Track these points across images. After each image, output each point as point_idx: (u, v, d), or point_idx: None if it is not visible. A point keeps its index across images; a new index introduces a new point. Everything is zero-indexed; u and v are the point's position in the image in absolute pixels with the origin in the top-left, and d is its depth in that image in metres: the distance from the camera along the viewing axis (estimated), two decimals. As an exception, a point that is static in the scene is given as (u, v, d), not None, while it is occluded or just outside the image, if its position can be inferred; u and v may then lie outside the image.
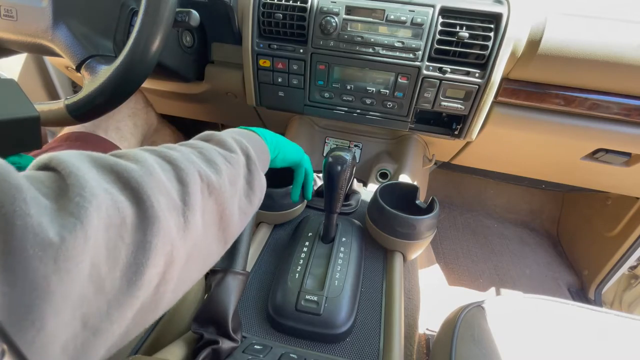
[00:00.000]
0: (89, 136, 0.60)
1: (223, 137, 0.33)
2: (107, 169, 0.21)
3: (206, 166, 0.28)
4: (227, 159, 0.31)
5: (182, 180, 0.25)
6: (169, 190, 0.23)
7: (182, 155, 0.27)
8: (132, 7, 0.58)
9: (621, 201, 1.08)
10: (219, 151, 0.31)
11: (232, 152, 0.32)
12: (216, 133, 0.34)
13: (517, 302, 0.53)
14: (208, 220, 0.27)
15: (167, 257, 0.22)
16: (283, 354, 0.38)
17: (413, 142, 0.80)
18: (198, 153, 0.29)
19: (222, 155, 0.30)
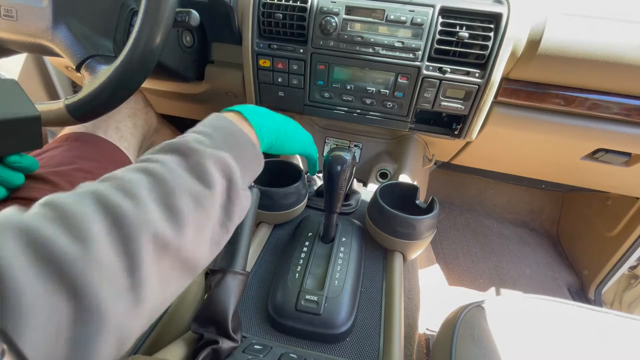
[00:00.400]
0: (89, 136, 0.60)
1: (202, 161, 0.28)
2: (45, 261, 0.19)
3: (166, 220, 0.25)
4: (199, 199, 0.27)
5: (132, 254, 0.22)
6: (115, 273, 0.21)
7: (138, 210, 0.23)
8: (132, 7, 0.58)
9: (621, 201, 1.08)
10: (191, 188, 0.27)
11: (208, 188, 0.28)
12: (196, 149, 0.29)
13: (517, 302, 0.53)
14: (164, 277, 0.25)
15: (118, 340, 0.21)
16: (283, 354, 0.38)
17: (413, 142, 0.80)
18: (161, 198, 0.25)
19: (192, 195, 0.27)
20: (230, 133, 0.34)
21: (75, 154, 0.56)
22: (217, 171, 0.29)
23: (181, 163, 0.28)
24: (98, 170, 0.56)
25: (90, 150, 0.58)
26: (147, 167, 0.27)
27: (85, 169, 0.55)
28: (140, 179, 0.26)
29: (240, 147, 0.33)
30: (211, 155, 0.29)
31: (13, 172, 0.45)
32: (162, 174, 0.26)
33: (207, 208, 0.28)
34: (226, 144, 0.32)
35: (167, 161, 0.28)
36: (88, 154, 0.57)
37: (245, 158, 0.33)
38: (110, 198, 0.23)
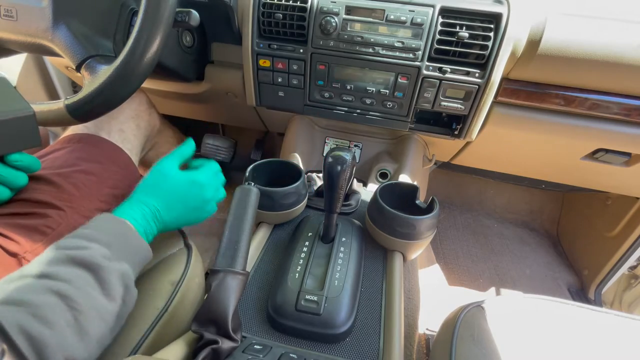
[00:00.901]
0: (92, 138, 0.60)
1: (108, 277, 0.33)
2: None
3: (78, 342, 0.29)
4: (104, 316, 0.32)
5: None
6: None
7: (55, 338, 0.27)
8: (132, 7, 0.58)
9: (621, 201, 1.08)
10: (98, 307, 0.32)
11: (111, 301, 0.33)
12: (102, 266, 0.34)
13: (517, 302, 0.53)
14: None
15: None
16: (283, 354, 0.38)
17: (413, 142, 0.80)
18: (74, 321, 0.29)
19: (99, 314, 0.32)
20: (125, 238, 0.38)
21: (78, 156, 0.56)
22: (119, 284, 0.35)
23: (89, 280, 0.32)
24: (101, 172, 0.56)
25: (94, 152, 0.58)
26: (60, 289, 0.30)
27: (88, 170, 0.55)
28: (55, 304, 0.29)
29: (134, 250, 0.39)
30: (115, 270, 0.34)
31: (15, 172, 0.45)
32: (73, 298, 0.30)
33: (108, 320, 0.33)
34: (124, 253, 0.37)
35: (77, 280, 0.31)
36: (91, 155, 0.57)
37: (138, 259, 0.39)
38: (30, 325, 0.26)
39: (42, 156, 0.56)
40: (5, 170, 0.44)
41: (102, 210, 0.53)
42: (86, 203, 0.52)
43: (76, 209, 0.50)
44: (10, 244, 0.43)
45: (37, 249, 0.44)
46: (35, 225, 0.46)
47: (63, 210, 0.49)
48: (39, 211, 0.47)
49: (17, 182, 0.46)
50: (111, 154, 0.60)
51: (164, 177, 0.47)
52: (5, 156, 0.44)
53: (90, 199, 0.52)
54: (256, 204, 0.43)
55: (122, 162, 0.62)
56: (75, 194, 0.51)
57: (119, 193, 0.57)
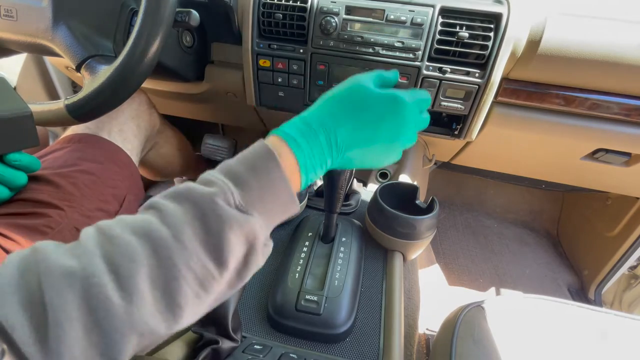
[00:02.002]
0: (92, 138, 0.60)
1: (223, 231, 0.24)
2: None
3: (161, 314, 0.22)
4: (204, 284, 0.24)
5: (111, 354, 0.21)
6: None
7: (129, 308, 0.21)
8: (132, 7, 0.58)
9: (621, 201, 1.08)
10: (199, 271, 0.24)
11: (220, 267, 0.25)
12: (222, 215, 0.25)
13: (517, 302, 0.53)
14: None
15: None
16: (283, 354, 0.38)
17: (413, 142, 0.80)
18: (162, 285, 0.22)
19: (198, 280, 0.24)
20: (268, 181, 0.28)
21: (79, 156, 0.56)
22: (239, 242, 0.26)
23: (199, 231, 0.24)
24: (101, 172, 0.56)
25: (94, 152, 0.58)
26: (157, 235, 0.23)
27: (88, 170, 0.55)
28: (142, 256, 0.22)
29: (275, 200, 0.28)
30: (237, 223, 0.25)
31: (14, 171, 0.45)
32: (170, 251, 0.23)
33: (212, 290, 0.25)
34: (260, 199, 0.27)
35: (182, 229, 0.24)
36: (91, 155, 0.57)
37: (277, 214, 0.29)
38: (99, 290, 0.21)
39: (42, 156, 0.56)
40: (5, 169, 0.44)
41: (102, 210, 0.53)
42: (86, 203, 0.52)
43: (76, 209, 0.50)
44: (10, 244, 0.43)
45: (37, 249, 0.44)
46: (35, 225, 0.46)
47: (63, 210, 0.49)
48: (39, 211, 0.47)
49: (17, 181, 0.46)
50: (111, 154, 0.61)
51: (357, 91, 0.35)
52: (4, 156, 0.44)
53: (91, 199, 0.53)
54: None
55: (123, 162, 0.62)
56: (76, 194, 0.51)
57: (119, 193, 0.57)
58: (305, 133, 0.31)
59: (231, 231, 0.25)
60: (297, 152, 0.30)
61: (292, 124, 0.32)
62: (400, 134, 0.35)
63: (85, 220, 0.50)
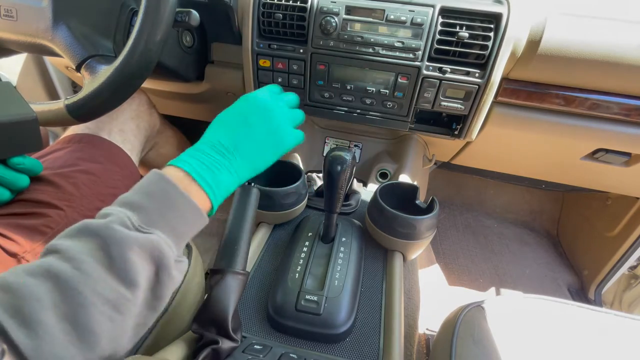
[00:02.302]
0: (93, 138, 0.60)
1: (124, 253, 0.25)
2: None
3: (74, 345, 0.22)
4: (117, 306, 0.24)
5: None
6: None
7: (37, 343, 0.20)
8: (132, 7, 0.58)
9: (621, 201, 1.08)
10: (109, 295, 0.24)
11: (130, 288, 0.25)
12: (118, 235, 0.25)
13: (517, 302, 0.53)
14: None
15: None
16: (283, 354, 0.38)
17: (413, 142, 0.80)
18: (69, 318, 0.22)
19: (110, 304, 0.24)
20: (167, 200, 0.29)
21: (79, 156, 0.56)
22: (144, 260, 0.26)
23: (100, 257, 0.25)
24: (101, 172, 0.56)
25: (94, 152, 0.58)
26: (57, 272, 0.23)
27: (88, 170, 0.55)
28: (44, 295, 0.22)
29: (178, 214, 0.30)
30: (136, 242, 0.26)
31: (17, 174, 0.45)
32: (73, 284, 0.23)
33: (127, 311, 0.25)
34: (160, 216, 0.28)
35: (82, 258, 0.24)
36: (91, 155, 0.57)
37: (183, 226, 0.30)
38: (4, 337, 0.20)
39: (42, 156, 0.56)
40: (7, 172, 0.44)
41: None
42: (86, 203, 0.52)
43: (76, 209, 0.50)
44: (9, 244, 0.43)
45: (36, 249, 0.44)
46: (35, 225, 0.46)
47: (63, 210, 0.49)
48: (38, 211, 0.47)
49: (19, 184, 0.46)
50: (111, 154, 0.61)
51: (237, 104, 0.39)
52: (8, 159, 0.44)
53: (90, 199, 0.53)
54: (256, 204, 0.43)
55: (123, 162, 0.62)
56: (75, 194, 0.51)
57: (119, 193, 0.57)
58: (190, 152, 0.34)
59: (132, 251, 0.25)
60: (185, 166, 0.32)
61: (183, 154, 0.35)
62: (276, 130, 0.40)
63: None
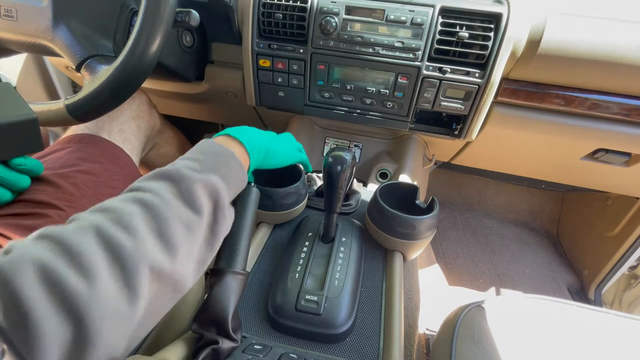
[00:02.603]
0: (93, 138, 0.60)
1: (191, 187, 0.31)
2: (58, 297, 0.21)
3: (161, 250, 0.27)
4: (189, 226, 0.29)
5: (132, 286, 0.24)
6: (117, 308, 0.23)
7: (135, 244, 0.25)
8: (132, 7, 0.58)
9: (621, 201, 1.08)
10: (182, 215, 0.29)
11: (197, 213, 0.30)
12: (186, 175, 0.31)
13: (517, 302, 0.53)
14: (157, 299, 0.27)
15: (108, 358, 0.23)
16: (283, 354, 0.38)
17: (413, 142, 0.80)
18: (156, 227, 0.27)
19: (184, 222, 0.29)
20: (218, 156, 0.36)
21: (79, 156, 0.56)
22: (205, 195, 0.31)
23: (172, 190, 0.30)
24: (101, 172, 0.56)
25: (94, 152, 0.58)
26: (141, 198, 0.29)
27: (88, 170, 0.55)
28: (136, 211, 0.27)
29: (228, 167, 0.36)
30: (199, 180, 0.32)
31: (18, 175, 0.45)
32: (156, 205, 0.28)
33: (196, 233, 0.30)
34: (214, 167, 0.34)
35: (159, 190, 0.30)
36: (92, 155, 0.57)
37: (232, 177, 0.36)
38: (110, 232, 0.25)
39: (42, 156, 0.56)
40: (10, 174, 0.44)
41: None
42: (86, 203, 0.52)
43: (76, 209, 0.50)
44: (10, 244, 0.43)
45: (37, 249, 0.44)
46: (35, 225, 0.46)
47: (63, 210, 0.49)
48: (39, 211, 0.47)
49: (20, 184, 0.46)
50: (112, 154, 0.61)
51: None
52: (9, 160, 0.44)
53: (91, 199, 0.53)
54: (256, 204, 0.43)
55: (123, 162, 0.62)
56: (76, 194, 0.51)
57: (119, 193, 0.57)
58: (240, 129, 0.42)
59: (197, 186, 0.31)
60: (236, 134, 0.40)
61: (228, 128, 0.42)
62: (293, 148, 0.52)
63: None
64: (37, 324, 0.20)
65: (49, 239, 0.24)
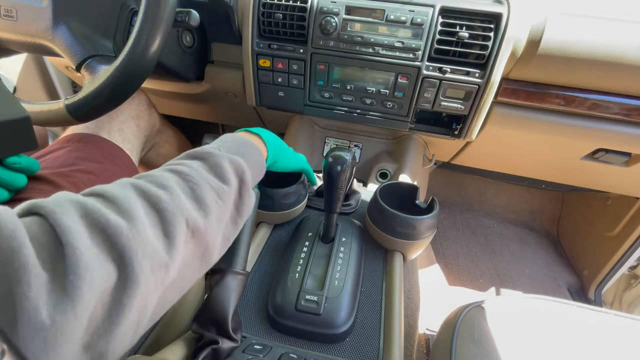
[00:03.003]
0: (92, 137, 0.60)
1: (219, 161, 0.33)
2: (97, 229, 0.22)
3: (195, 209, 0.28)
4: (219, 193, 0.31)
5: (169, 234, 0.25)
6: (156, 249, 0.24)
7: (172, 198, 0.27)
8: (132, 7, 0.58)
9: (621, 201, 1.08)
10: (212, 183, 0.31)
11: (225, 184, 0.32)
12: (214, 153, 0.34)
13: (517, 302, 0.53)
14: (189, 260, 0.28)
15: (141, 311, 0.23)
16: (283, 354, 0.38)
17: (413, 142, 0.80)
18: (190, 190, 0.29)
19: (214, 189, 0.31)
20: (241, 143, 0.39)
21: (78, 155, 0.56)
22: (232, 171, 0.33)
23: (202, 164, 0.32)
24: (101, 172, 0.56)
25: (94, 152, 0.58)
26: (174, 168, 0.31)
27: (88, 170, 0.55)
28: (170, 176, 0.29)
29: (250, 154, 0.38)
30: (226, 157, 0.34)
31: (14, 174, 0.45)
32: (188, 172, 0.30)
33: (225, 202, 0.32)
34: (238, 151, 0.37)
35: (190, 164, 0.32)
36: (91, 155, 0.57)
37: (254, 164, 0.38)
38: (147, 187, 0.27)
39: (42, 156, 0.56)
40: (5, 173, 0.44)
41: None
42: (86, 203, 0.52)
43: (76, 209, 0.50)
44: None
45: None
46: (35, 225, 0.46)
47: (63, 210, 0.49)
48: (38, 211, 0.47)
49: (16, 183, 0.46)
50: (111, 154, 0.61)
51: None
52: (4, 159, 0.44)
53: (90, 199, 0.52)
54: (256, 204, 0.43)
55: (122, 162, 0.62)
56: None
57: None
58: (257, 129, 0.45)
59: (224, 161, 0.33)
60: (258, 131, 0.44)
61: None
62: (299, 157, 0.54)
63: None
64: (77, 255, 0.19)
65: (91, 194, 0.25)
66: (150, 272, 0.23)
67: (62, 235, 0.20)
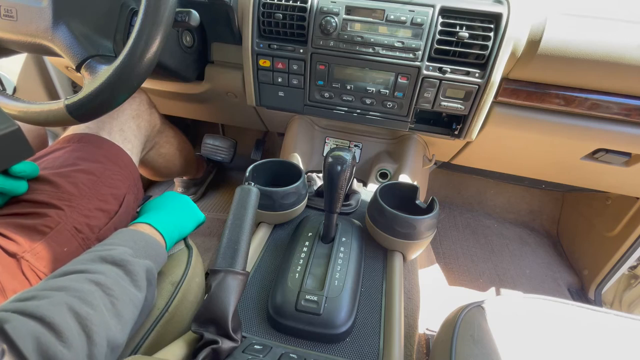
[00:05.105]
0: (93, 138, 0.60)
1: (135, 269, 0.39)
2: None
3: (115, 324, 0.33)
4: (135, 303, 0.37)
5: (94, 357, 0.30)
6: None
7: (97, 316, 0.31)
8: (132, 7, 0.58)
9: (621, 201, 1.08)
10: (131, 295, 0.36)
11: (140, 292, 0.38)
12: (130, 260, 0.39)
13: (517, 302, 0.53)
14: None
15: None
16: (283, 354, 0.38)
17: (413, 142, 0.80)
18: (111, 305, 0.33)
19: (132, 301, 0.36)
20: (148, 243, 0.45)
21: (79, 155, 0.56)
22: (144, 277, 0.40)
23: (119, 273, 0.37)
24: (101, 172, 0.56)
25: (94, 152, 0.58)
26: (96, 280, 0.34)
27: (88, 170, 0.54)
28: (95, 291, 0.33)
29: (157, 253, 0.45)
30: (140, 265, 0.40)
31: (16, 182, 0.45)
32: (109, 286, 0.35)
33: (138, 307, 0.38)
34: (147, 254, 0.43)
35: (109, 273, 0.36)
36: (91, 155, 0.57)
37: (159, 261, 0.46)
38: (79, 310, 0.30)
39: (42, 156, 0.56)
40: (8, 182, 0.44)
41: (102, 210, 0.53)
42: (86, 202, 0.52)
43: (76, 209, 0.50)
44: (9, 244, 0.43)
45: (35, 248, 0.44)
46: (34, 225, 0.46)
47: (62, 209, 0.49)
48: (38, 211, 0.47)
49: (18, 191, 0.46)
50: (111, 154, 0.60)
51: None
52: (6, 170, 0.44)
53: (90, 199, 0.52)
54: (256, 204, 0.43)
55: (123, 162, 0.62)
56: (75, 194, 0.51)
57: (118, 193, 0.57)
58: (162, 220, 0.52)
59: (140, 268, 0.40)
60: (154, 224, 0.49)
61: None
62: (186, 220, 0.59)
63: (84, 219, 0.50)
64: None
65: (31, 317, 0.28)
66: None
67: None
